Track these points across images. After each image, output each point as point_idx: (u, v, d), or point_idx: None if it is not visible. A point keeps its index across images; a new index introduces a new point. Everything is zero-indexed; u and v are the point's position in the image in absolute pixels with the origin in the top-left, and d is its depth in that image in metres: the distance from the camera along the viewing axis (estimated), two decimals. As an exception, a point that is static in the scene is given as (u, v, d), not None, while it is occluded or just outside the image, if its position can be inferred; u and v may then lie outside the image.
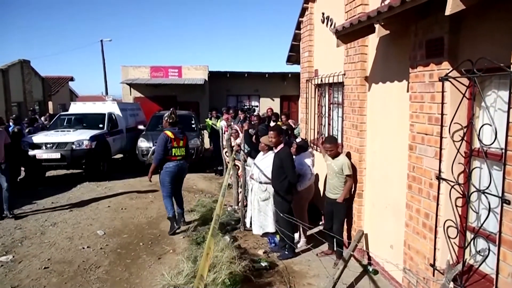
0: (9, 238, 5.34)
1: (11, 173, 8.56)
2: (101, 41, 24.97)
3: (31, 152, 8.72)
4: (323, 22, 6.29)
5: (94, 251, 4.88)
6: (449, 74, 2.85)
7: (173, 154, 5.51)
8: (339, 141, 5.69)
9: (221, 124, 10.17)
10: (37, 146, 8.81)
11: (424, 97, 3.18)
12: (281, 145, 4.77)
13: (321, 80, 6.26)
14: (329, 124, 6.30)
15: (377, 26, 3.13)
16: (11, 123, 9.83)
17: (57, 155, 8.79)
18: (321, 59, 6.69)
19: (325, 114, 6.43)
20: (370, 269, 4.35)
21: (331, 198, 4.62)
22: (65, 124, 10.63)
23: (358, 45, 4.56)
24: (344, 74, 5.09)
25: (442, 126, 2.95)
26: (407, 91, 3.53)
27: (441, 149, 2.98)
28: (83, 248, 4.98)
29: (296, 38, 8.15)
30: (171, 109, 5.83)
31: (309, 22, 6.94)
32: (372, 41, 4.37)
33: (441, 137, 2.96)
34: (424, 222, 3.22)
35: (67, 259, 4.62)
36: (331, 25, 5.88)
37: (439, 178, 2.98)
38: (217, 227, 2.63)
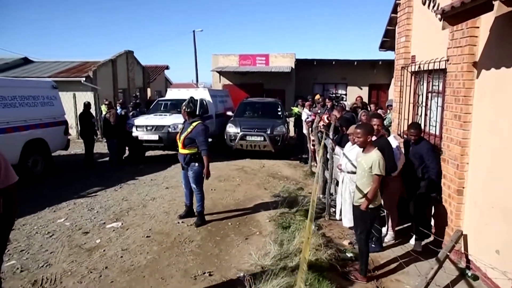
0: (118, 208, 6.07)
1: (119, 152, 9.69)
2: (193, 31, 26.50)
3: (134, 133, 9.72)
4: (424, 3, 5.81)
5: (187, 226, 5.29)
6: None
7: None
8: (437, 132, 5.28)
9: (304, 112, 10.12)
10: (139, 128, 9.77)
11: (551, 84, 2.76)
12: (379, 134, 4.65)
13: (419, 67, 5.82)
14: (425, 114, 5.86)
15: (496, 3, 2.78)
16: (118, 107, 11.03)
17: (155, 137, 9.65)
18: (419, 44, 6.22)
19: (422, 103, 5.98)
20: (469, 274, 4.00)
21: (356, 205, 3.97)
22: (162, 108, 11.59)
23: (467, 27, 4.12)
24: (447, 60, 4.67)
25: None
26: (528, 77, 3.11)
27: None
28: (178, 222, 5.42)
29: (392, 22, 7.67)
30: (189, 97, 5.43)
31: (408, 4, 6.47)
32: (484, 21, 3.92)
33: None
34: (542, 226, 2.84)
35: (165, 231, 5.09)
36: (433, 6, 5.41)
37: None
38: (314, 213, 2.65)
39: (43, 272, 3.93)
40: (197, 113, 10.42)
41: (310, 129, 8.24)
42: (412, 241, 4.86)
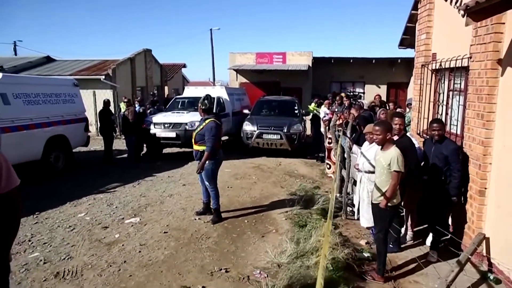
0: (136, 203, 6.17)
1: (137, 148, 9.84)
2: (211, 30, 26.67)
3: (152, 131, 9.85)
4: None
5: (204, 223, 5.32)
6: None
7: (220, 142, 5.35)
8: (458, 132, 5.17)
9: (322, 110, 10.06)
10: (157, 126, 9.89)
11: None
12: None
13: (440, 65, 5.70)
14: (446, 113, 5.73)
15: (523, -2, 2.70)
16: (136, 105, 11.19)
17: (172, 134, 9.76)
18: (440, 41, 6.09)
19: (442, 102, 5.86)
20: (491, 277, 3.90)
21: (374, 203, 3.95)
22: (179, 106, 11.70)
23: (492, 23, 4.01)
24: (470, 57, 4.56)
25: None
26: (557, 75, 3.00)
27: None
28: (195, 219, 5.46)
29: (412, 19, 7.54)
30: (205, 95, 5.41)
31: (429, 0, 6.34)
32: (510, 17, 3.81)
33: None
34: None
35: (182, 227, 5.14)
36: (456, 2, 5.29)
37: None
38: (333, 211, 2.63)
39: (65, 265, 4.04)
40: (214, 111, 10.56)
41: (327, 127, 8.19)
42: (428, 242, 4.71)
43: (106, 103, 9.69)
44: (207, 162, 5.17)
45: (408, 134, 5.21)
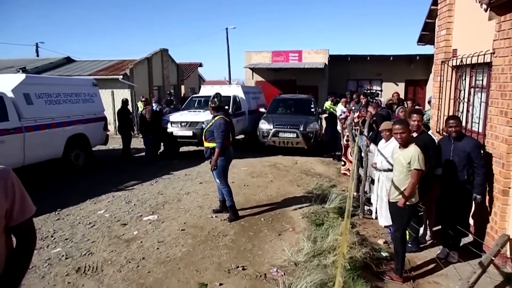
0: (154, 201, 6.25)
1: (154, 147, 9.96)
2: (226, 29, 26.77)
3: (169, 129, 9.96)
4: (467, -6, 5.54)
5: (221, 220, 5.35)
6: None
7: (230, 139, 5.36)
8: (480, 129, 5.04)
9: (339, 108, 9.97)
10: (174, 124, 9.99)
11: None
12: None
13: (461, 61, 5.57)
14: (467, 110, 5.60)
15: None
16: (153, 104, 11.34)
17: (189, 133, 9.84)
18: (461, 37, 5.94)
19: (463, 99, 5.72)
20: (515, 279, 3.79)
21: (392, 201, 3.89)
22: (196, 105, 11.79)
23: (516, 17, 3.89)
24: (493, 53, 4.43)
25: None
26: None
27: None
28: (212, 217, 5.50)
29: (432, 15, 7.38)
30: (215, 93, 5.45)
31: (450, -5, 6.20)
32: (536, 11, 3.69)
33: None
34: None
35: (199, 225, 5.18)
36: (478, -3, 5.15)
37: None
38: (351, 210, 2.61)
39: (86, 260, 4.13)
40: (230, 109, 10.60)
41: (343, 125, 8.11)
42: (441, 253, 4.47)
43: (124, 102, 9.84)
44: None
45: (430, 132, 5.12)
